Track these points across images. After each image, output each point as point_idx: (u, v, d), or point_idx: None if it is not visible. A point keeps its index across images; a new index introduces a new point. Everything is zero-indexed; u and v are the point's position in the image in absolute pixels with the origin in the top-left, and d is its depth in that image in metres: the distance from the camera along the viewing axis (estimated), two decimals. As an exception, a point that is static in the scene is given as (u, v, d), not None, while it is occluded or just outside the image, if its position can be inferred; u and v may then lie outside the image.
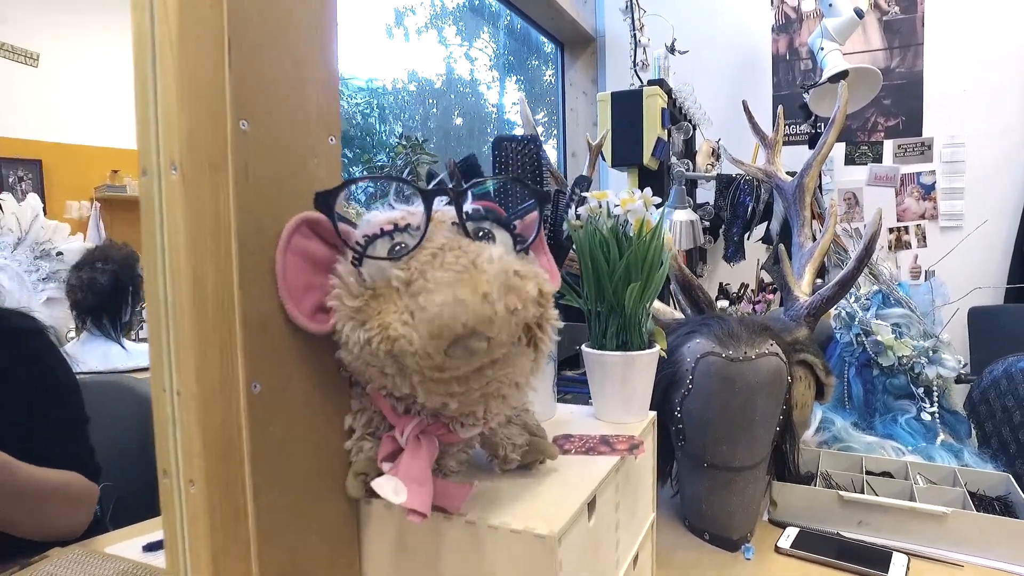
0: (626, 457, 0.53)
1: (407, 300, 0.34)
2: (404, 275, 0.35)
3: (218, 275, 0.36)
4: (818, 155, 1.23)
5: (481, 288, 0.32)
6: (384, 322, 0.35)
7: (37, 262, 2.63)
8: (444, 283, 0.33)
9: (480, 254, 0.34)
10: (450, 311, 0.32)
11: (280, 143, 0.39)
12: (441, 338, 0.33)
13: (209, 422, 0.36)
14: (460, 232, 0.37)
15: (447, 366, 0.34)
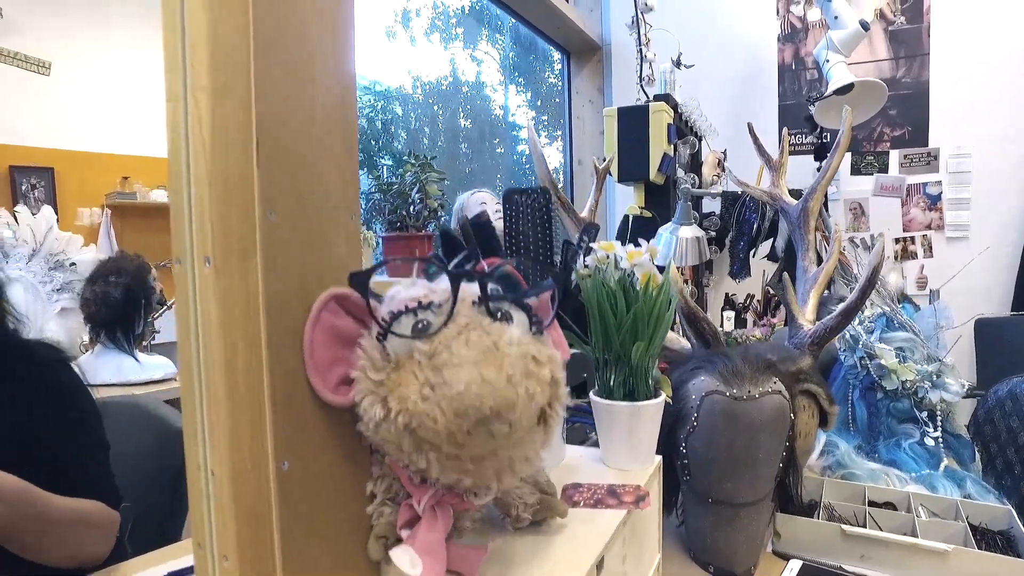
0: (632, 510, 0.55)
1: (428, 372, 0.36)
2: (427, 348, 0.37)
3: (248, 359, 0.38)
4: (823, 179, 1.24)
5: (505, 370, 0.34)
6: (403, 395, 0.37)
7: (51, 273, 2.66)
8: (469, 360, 0.35)
9: (502, 336, 0.36)
10: (476, 390, 0.34)
11: (304, 228, 0.41)
12: (466, 417, 0.35)
13: (241, 501, 0.38)
14: (481, 311, 0.39)
15: (466, 444, 0.36)
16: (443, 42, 4.42)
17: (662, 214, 2.02)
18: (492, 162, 5.11)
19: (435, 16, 4.42)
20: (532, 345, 0.38)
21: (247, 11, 0.37)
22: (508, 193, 0.60)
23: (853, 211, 2.60)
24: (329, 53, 0.42)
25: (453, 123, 4.62)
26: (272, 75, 0.38)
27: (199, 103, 0.37)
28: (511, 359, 0.35)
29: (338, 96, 0.43)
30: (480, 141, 4.79)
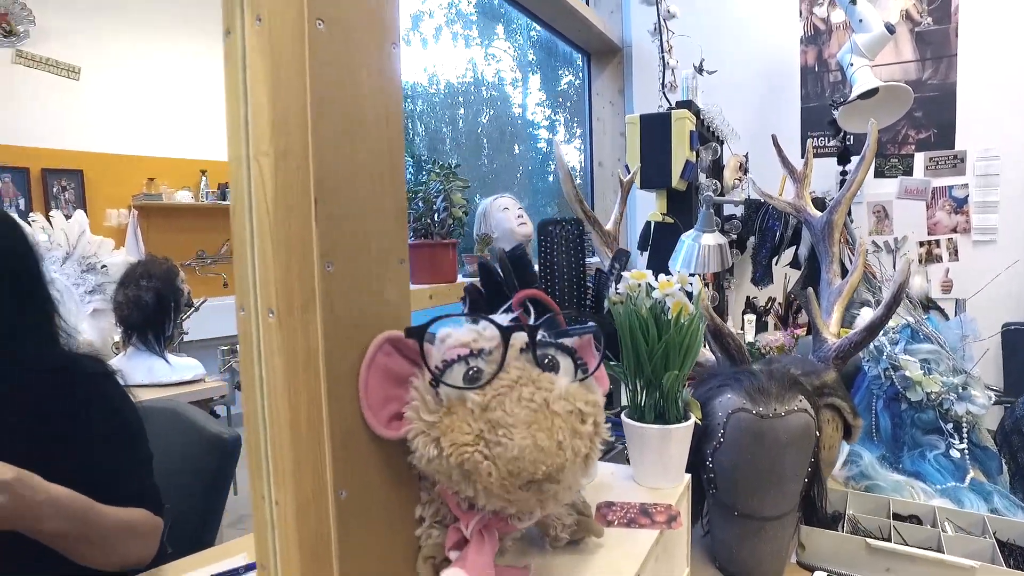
0: (664, 531, 0.57)
1: (482, 424, 0.39)
2: (480, 400, 0.40)
3: (309, 398, 0.41)
4: (848, 191, 1.25)
5: (556, 436, 0.37)
6: (458, 441, 0.40)
7: (84, 276, 2.74)
8: (522, 422, 0.38)
9: (551, 391, 0.39)
10: (531, 456, 0.37)
11: (359, 277, 0.43)
12: (519, 478, 0.37)
13: (304, 528, 0.41)
14: (529, 359, 0.42)
15: (517, 497, 0.39)
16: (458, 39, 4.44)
17: (684, 220, 2.03)
18: (511, 161, 5.13)
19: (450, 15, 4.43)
20: (579, 395, 0.40)
21: (304, 78, 0.40)
22: (543, 224, 0.62)
23: (876, 214, 2.58)
24: (380, 111, 0.45)
25: (473, 123, 4.64)
26: (327, 137, 0.41)
27: (262, 167, 0.40)
28: (560, 419, 0.38)
29: (387, 151, 0.45)
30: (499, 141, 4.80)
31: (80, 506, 0.86)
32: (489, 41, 4.55)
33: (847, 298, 1.17)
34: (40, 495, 0.80)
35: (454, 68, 4.45)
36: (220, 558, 1.02)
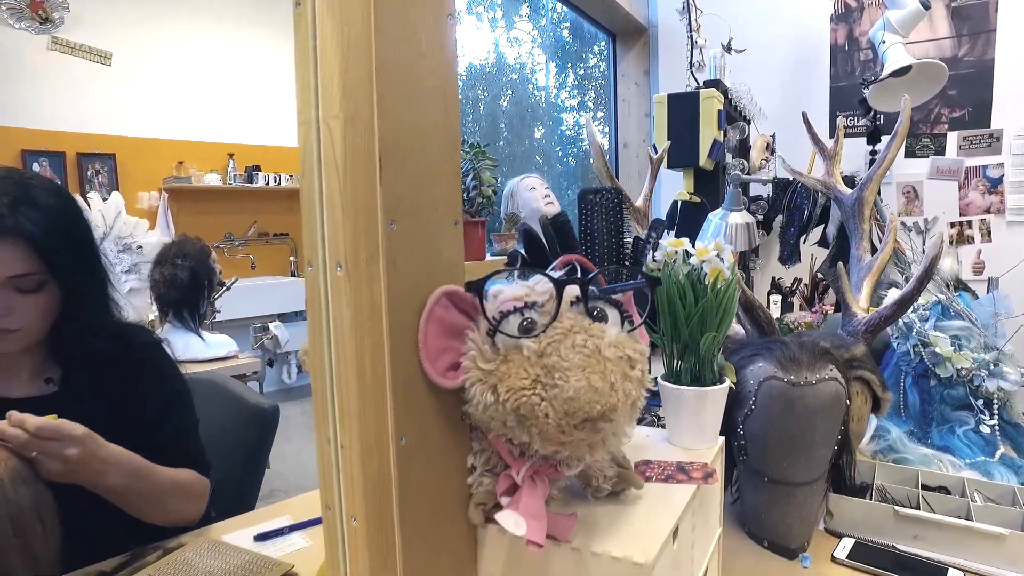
0: (701, 486, 0.60)
1: (538, 370, 0.42)
2: (536, 347, 0.42)
3: (374, 349, 0.44)
4: (878, 169, 1.24)
5: (608, 378, 0.40)
6: (515, 386, 0.43)
7: (120, 256, 2.82)
8: (576, 366, 0.40)
9: (602, 339, 0.42)
10: (587, 397, 0.40)
11: (418, 235, 0.46)
12: (575, 417, 0.40)
13: (368, 470, 0.44)
14: (580, 310, 0.44)
15: (573, 436, 0.42)
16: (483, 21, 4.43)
17: (711, 199, 2.03)
18: (532, 143, 5.12)
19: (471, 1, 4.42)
20: (627, 344, 0.43)
21: (370, 47, 0.42)
22: (583, 193, 0.64)
23: (906, 194, 2.55)
24: (437, 79, 0.47)
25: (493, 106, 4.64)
26: (391, 102, 0.44)
27: (332, 130, 0.42)
28: (612, 363, 0.41)
29: (443, 117, 0.48)
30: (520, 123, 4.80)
31: (137, 464, 0.91)
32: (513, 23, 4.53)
33: (877, 274, 1.18)
34: (102, 451, 0.85)
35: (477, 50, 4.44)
36: (263, 519, 1.07)
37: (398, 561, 0.46)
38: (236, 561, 0.84)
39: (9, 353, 0.95)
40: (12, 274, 0.85)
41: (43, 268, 0.88)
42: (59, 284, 0.90)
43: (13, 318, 0.87)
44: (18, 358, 0.97)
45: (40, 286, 0.88)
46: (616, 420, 0.42)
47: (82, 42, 4.03)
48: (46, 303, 0.90)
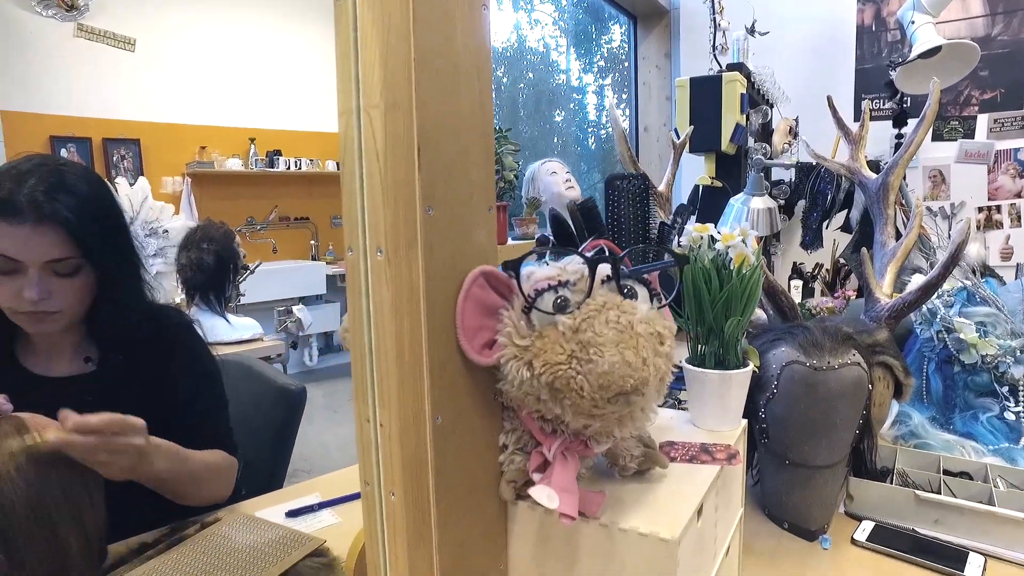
0: (725, 466, 0.61)
1: (574, 345, 0.44)
2: (571, 323, 0.44)
3: (412, 331, 0.46)
4: (905, 153, 1.23)
5: (641, 353, 0.42)
6: (551, 360, 0.44)
7: (147, 240, 2.88)
8: (611, 341, 0.42)
9: (634, 315, 0.43)
10: (620, 371, 0.41)
11: (454, 220, 0.48)
12: (609, 391, 0.42)
13: (406, 448, 0.46)
14: (612, 287, 0.46)
15: (605, 408, 0.43)
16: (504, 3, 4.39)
17: (732, 184, 2.02)
18: (552, 127, 5.10)
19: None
20: (657, 321, 0.44)
21: (409, 37, 0.44)
22: (610, 179, 0.65)
23: (933, 179, 2.51)
24: (472, 67, 0.48)
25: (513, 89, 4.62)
26: (428, 91, 0.45)
27: (372, 119, 0.44)
28: (643, 339, 0.42)
29: (478, 105, 0.49)
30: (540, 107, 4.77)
31: (175, 450, 0.94)
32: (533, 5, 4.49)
33: (901, 259, 1.17)
34: (151, 441, 0.88)
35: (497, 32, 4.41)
36: (292, 497, 1.11)
37: (433, 535, 0.48)
38: (271, 536, 0.87)
39: (51, 333, 0.98)
40: (50, 259, 0.88)
41: (78, 253, 0.91)
42: (93, 268, 0.93)
43: (52, 301, 0.91)
44: (59, 338, 1.01)
45: (76, 270, 0.92)
46: (647, 394, 0.43)
47: (106, 29, 4.08)
48: (82, 286, 0.94)
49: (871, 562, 0.82)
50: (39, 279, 0.88)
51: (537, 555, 0.55)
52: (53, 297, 0.91)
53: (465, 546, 0.51)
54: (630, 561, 0.50)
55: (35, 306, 0.89)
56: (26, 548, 0.72)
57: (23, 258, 0.87)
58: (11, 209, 0.85)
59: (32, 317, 0.91)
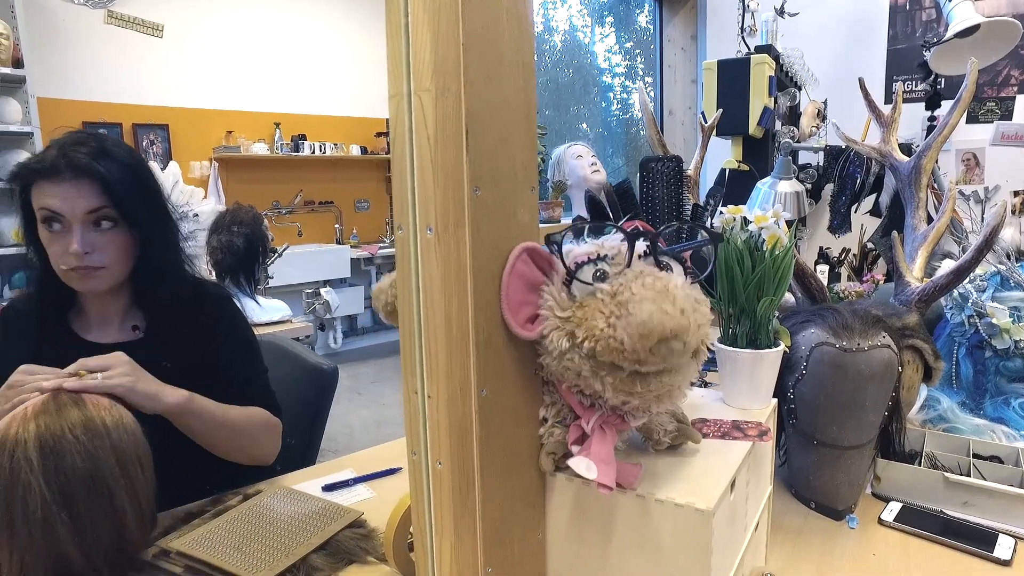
0: (756, 443, 0.63)
1: (612, 307, 0.45)
2: (610, 289, 0.46)
3: (459, 306, 0.48)
4: (939, 135, 1.22)
5: (679, 305, 0.43)
6: (591, 326, 0.46)
7: (178, 224, 2.92)
8: (648, 297, 0.44)
9: (670, 281, 0.45)
10: (658, 318, 0.43)
11: (499, 201, 0.49)
12: (649, 339, 0.43)
13: (453, 419, 0.48)
14: (648, 262, 0.48)
15: (648, 361, 0.45)
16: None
17: (759, 167, 2.01)
18: (576, 111, 5.08)
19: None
20: (692, 291, 0.46)
21: (458, 23, 0.45)
22: (645, 161, 0.66)
23: (966, 162, 2.46)
24: (516, 52, 0.50)
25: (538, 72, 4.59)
26: (475, 75, 0.46)
27: (423, 102, 0.46)
28: (681, 296, 0.44)
29: (522, 89, 0.50)
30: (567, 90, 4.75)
31: (212, 404, 0.99)
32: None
33: (933, 244, 1.17)
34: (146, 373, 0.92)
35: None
36: (325, 473, 1.14)
37: (477, 504, 0.51)
38: (310, 507, 0.90)
39: (101, 301, 1.05)
40: (88, 209, 0.95)
41: (112, 203, 0.97)
42: (129, 225, 0.99)
43: (96, 255, 0.97)
44: (108, 306, 1.06)
45: (114, 224, 0.98)
46: (688, 347, 0.44)
47: (135, 15, 4.13)
48: (123, 242, 0.99)
49: (899, 542, 0.83)
50: (82, 232, 0.95)
51: (574, 525, 0.57)
52: (96, 251, 0.97)
53: (506, 514, 0.53)
54: (666, 531, 0.52)
55: (81, 260, 0.95)
56: (87, 513, 0.76)
57: (66, 212, 0.94)
58: (54, 170, 0.93)
59: (80, 273, 0.97)
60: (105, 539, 0.77)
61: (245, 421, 1.06)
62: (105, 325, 1.08)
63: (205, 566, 0.78)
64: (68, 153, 0.95)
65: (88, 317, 1.08)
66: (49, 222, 0.95)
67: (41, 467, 0.74)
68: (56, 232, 0.96)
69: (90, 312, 1.07)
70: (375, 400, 4.27)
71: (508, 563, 0.54)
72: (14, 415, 0.78)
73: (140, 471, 0.83)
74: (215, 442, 1.02)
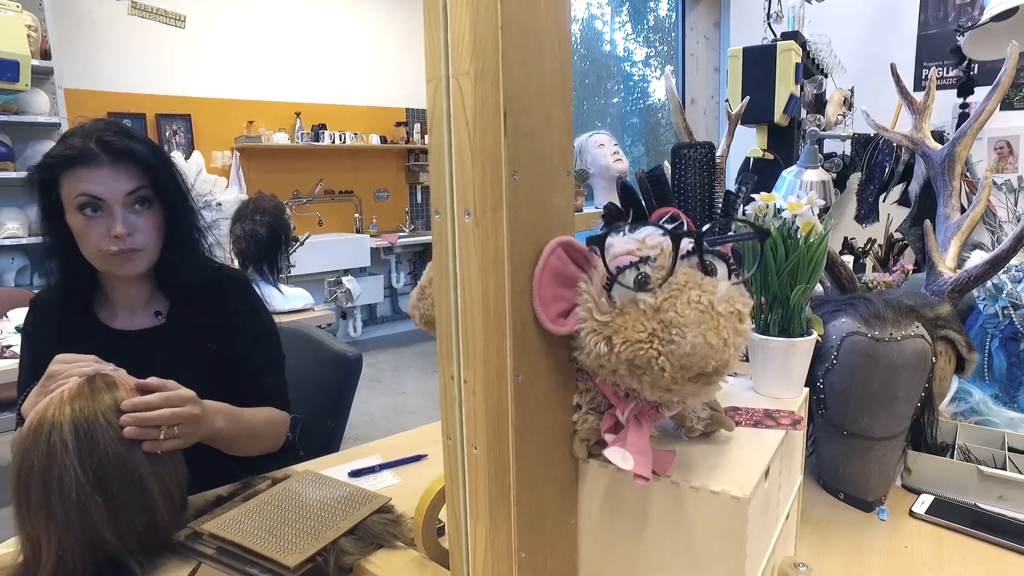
0: (789, 432, 0.62)
1: (655, 324, 0.45)
2: (653, 302, 0.45)
3: (497, 291, 0.47)
4: (974, 123, 1.19)
5: (722, 334, 0.42)
6: (632, 339, 0.46)
7: (201, 213, 2.96)
8: (693, 322, 0.43)
9: (715, 294, 0.44)
10: (702, 353, 0.42)
11: (536, 185, 0.49)
12: (690, 371, 0.43)
13: (489, 404, 0.48)
14: (693, 263, 0.47)
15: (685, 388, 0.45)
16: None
17: (784, 156, 1.98)
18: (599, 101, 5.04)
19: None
20: (736, 298, 0.45)
21: (496, 6, 0.45)
22: (677, 147, 0.66)
23: (999, 150, 2.40)
24: (553, 36, 0.49)
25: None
26: (513, 59, 0.46)
27: (461, 85, 0.45)
28: (724, 319, 0.43)
29: (559, 73, 0.50)
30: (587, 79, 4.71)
31: (230, 410, 1.00)
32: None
33: (966, 233, 1.14)
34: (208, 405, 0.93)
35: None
36: (351, 459, 1.15)
37: (511, 488, 0.51)
38: (338, 493, 0.91)
39: (128, 287, 1.07)
40: (128, 190, 0.97)
41: (149, 182, 0.99)
42: (162, 203, 1.01)
43: (137, 236, 0.99)
44: (133, 292, 1.08)
45: (150, 203, 1.00)
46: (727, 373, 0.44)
47: (158, 6, 4.16)
48: (156, 222, 1.01)
49: (930, 534, 0.82)
50: (123, 214, 0.97)
51: (606, 511, 0.57)
52: (136, 233, 0.99)
53: (540, 500, 0.54)
54: (700, 518, 0.52)
55: (124, 242, 0.97)
56: (120, 496, 0.77)
57: (107, 196, 0.96)
58: (89, 155, 0.95)
59: (121, 257, 0.99)
60: (137, 521, 0.79)
61: (261, 426, 1.08)
62: (130, 312, 1.09)
63: (237, 548, 0.79)
64: (101, 138, 0.96)
65: (113, 304, 1.09)
66: (87, 207, 0.96)
67: (76, 450, 0.76)
68: (94, 217, 0.97)
69: (116, 299, 1.09)
70: (394, 389, 4.30)
71: (541, 548, 0.54)
72: (51, 398, 0.79)
73: (170, 454, 0.85)
74: (231, 447, 1.04)
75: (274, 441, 1.14)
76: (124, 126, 1.02)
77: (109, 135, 0.97)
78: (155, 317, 1.10)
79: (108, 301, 1.09)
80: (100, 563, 0.77)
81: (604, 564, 0.58)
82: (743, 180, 0.73)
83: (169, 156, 1.07)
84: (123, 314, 1.09)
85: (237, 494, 0.94)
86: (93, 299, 1.09)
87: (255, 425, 1.06)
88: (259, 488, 0.95)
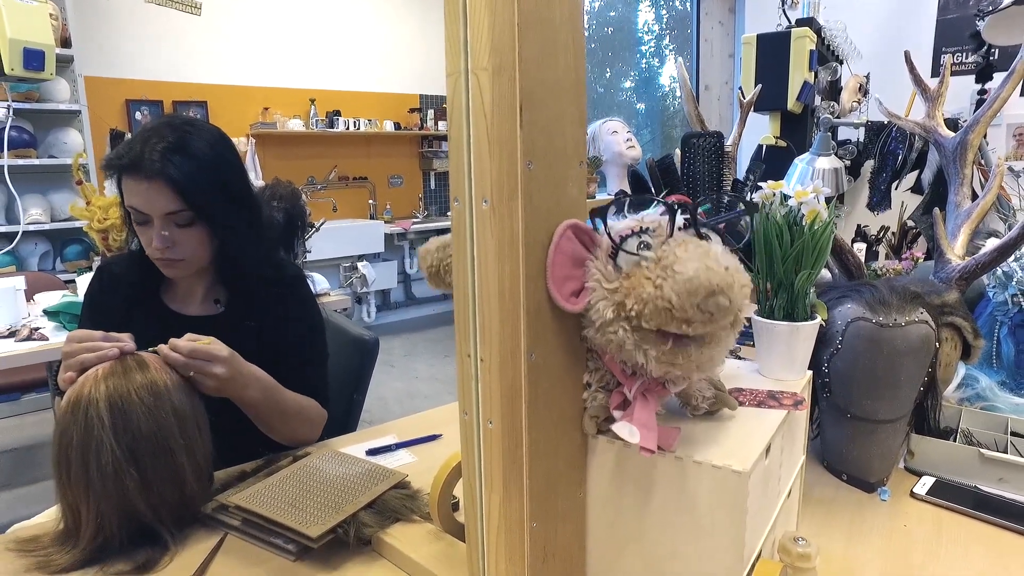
0: (791, 411, 0.65)
1: (658, 271, 0.48)
2: (655, 256, 0.48)
3: (512, 275, 0.50)
4: (988, 110, 1.20)
5: (723, 263, 0.45)
6: (639, 293, 0.49)
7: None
8: (693, 256, 0.46)
9: (711, 247, 0.47)
10: (705, 274, 0.45)
11: (550, 174, 0.52)
12: (697, 294, 0.45)
13: (504, 381, 0.51)
14: (689, 233, 0.50)
15: (695, 319, 0.47)
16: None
17: (797, 143, 1.98)
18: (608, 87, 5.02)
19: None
20: (731, 258, 0.48)
21: (514, 3, 0.47)
22: (687, 137, 0.68)
23: (1017, 137, 2.38)
24: (567, 32, 0.52)
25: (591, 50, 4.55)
26: (529, 55, 0.49)
27: (480, 80, 0.48)
28: (723, 258, 0.46)
29: (573, 67, 0.52)
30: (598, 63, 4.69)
31: (269, 382, 1.03)
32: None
33: (976, 221, 1.15)
34: (245, 368, 0.97)
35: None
36: (368, 439, 1.19)
37: (524, 462, 0.54)
38: (357, 469, 0.95)
39: (188, 278, 1.12)
40: (168, 211, 0.99)
41: (188, 206, 1.00)
42: (206, 221, 1.02)
43: (176, 249, 1.02)
44: (193, 282, 1.13)
45: (191, 222, 1.02)
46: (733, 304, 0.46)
47: (174, -8, 4.19)
48: (200, 236, 1.04)
49: (931, 515, 0.84)
50: (161, 229, 1.00)
51: (614, 484, 0.60)
52: (176, 246, 1.02)
53: (551, 472, 0.57)
54: (703, 491, 0.55)
55: (162, 253, 1.01)
56: (152, 469, 0.81)
57: (148, 211, 0.99)
58: (136, 168, 0.97)
59: (163, 263, 1.04)
60: (168, 494, 0.83)
61: (293, 411, 1.10)
62: (190, 299, 1.15)
63: (262, 519, 0.83)
64: (146, 151, 0.97)
65: (176, 290, 1.15)
66: (133, 216, 1.01)
67: (111, 425, 0.80)
68: (141, 225, 1.02)
69: (178, 286, 1.14)
70: (407, 373, 4.36)
71: (552, 518, 0.57)
72: (87, 376, 0.83)
73: (198, 431, 0.88)
74: (266, 424, 1.07)
75: (306, 432, 1.15)
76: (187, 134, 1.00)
77: (155, 148, 0.96)
78: (214, 305, 1.15)
79: (172, 286, 1.15)
80: (135, 532, 0.82)
81: (611, 534, 0.61)
82: (751, 168, 0.75)
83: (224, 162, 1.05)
84: (183, 300, 1.15)
85: (260, 470, 0.98)
86: (160, 283, 1.15)
87: (288, 408, 1.08)
88: (281, 464, 0.99)
